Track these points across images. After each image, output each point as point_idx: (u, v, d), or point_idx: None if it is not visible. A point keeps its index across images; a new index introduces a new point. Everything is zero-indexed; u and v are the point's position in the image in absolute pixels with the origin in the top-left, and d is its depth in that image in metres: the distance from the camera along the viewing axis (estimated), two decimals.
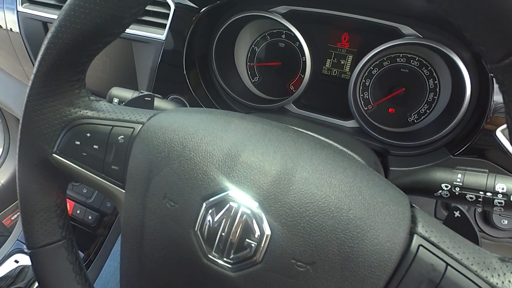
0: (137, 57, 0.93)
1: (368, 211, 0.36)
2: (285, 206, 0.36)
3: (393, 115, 0.94)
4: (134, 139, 0.46)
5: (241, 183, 0.38)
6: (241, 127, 0.44)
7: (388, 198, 0.38)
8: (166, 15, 0.87)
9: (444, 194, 0.52)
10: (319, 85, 1.01)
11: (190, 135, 0.42)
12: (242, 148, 0.40)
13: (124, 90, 0.68)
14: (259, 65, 1.06)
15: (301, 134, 0.46)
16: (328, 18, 0.86)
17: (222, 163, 0.39)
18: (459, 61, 0.70)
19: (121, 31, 0.46)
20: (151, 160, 0.43)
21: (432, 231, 0.36)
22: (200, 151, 0.41)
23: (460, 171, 0.51)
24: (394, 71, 0.91)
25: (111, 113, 0.50)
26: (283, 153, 0.40)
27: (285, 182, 0.37)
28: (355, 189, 0.37)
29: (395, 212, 0.37)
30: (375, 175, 0.42)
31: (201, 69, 0.94)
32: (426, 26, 0.73)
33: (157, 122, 0.46)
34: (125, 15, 0.44)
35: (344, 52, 0.97)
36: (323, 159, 0.40)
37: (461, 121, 0.74)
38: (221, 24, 0.90)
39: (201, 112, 0.48)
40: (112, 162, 0.47)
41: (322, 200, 0.36)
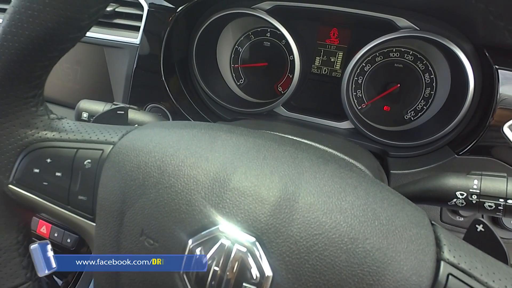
0: (110, 64, 0.85)
1: (387, 239, 0.30)
2: (288, 240, 0.30)
3: (388, 113, 0.89)
4: (103, 163, 0.39)
5: (233, 215, 0.31)
6: (230, 143, 0.37)
7: (407, 219, 0.33)
8: (140, 17, 0.80)
9: (460, 203, 0.47)
10: (309, 85, 0.95)
11: (169, 157, 0.36)
12: (232, 170, 0.33)
13: (94, 103, 0.60)
14: (244, 67, 1.00)
15: (299, 146, 0.40)
16: (315, 13, 0.80)
17: (209, 190, 0.33)
18: (461, 53, 0.65)
19: (80, 35, 0.39)
20: (123, 189, 0.36)
21: (460, 255, 0.31)
22: (182, 176, 0.34)
23: (476, 177, 0.46)
24: (387, 66, 0.86)
25: (75, 133, 0.43)
26: (281, 173, 0.34)
27: (286, 211, 0.31)
28: (370, 212, 0.32)
29: (418, 237, 0.31)
30: (387, 190, 0.37)
31: (181, 74, 0.87)
32: (423, 18, 0.68)
33: (130, 142, 0.39)
34: (82, 16, 0.36)
35: (334, 48, 0.91)
36: (329, 178, 0.34)
37: (465, 117, 0.69)
38: (201, 24, 0.83)
39: (182, 126, 0.41)
40: (79, 191, 0.40)
41: (332, 230, 0.30)
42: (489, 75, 0.63)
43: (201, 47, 0.87)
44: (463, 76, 0.66)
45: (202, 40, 0.86)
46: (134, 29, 0.81)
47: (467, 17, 0.61)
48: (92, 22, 0.38)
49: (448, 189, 0.47)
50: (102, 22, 0.85)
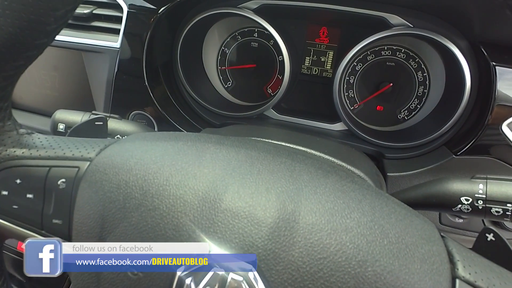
0: (89, 69, 0.80)
1: (399, 260, 0.27)
2: (289, 267, 0.27)
3: (381, 113, 0.87)
4: (79, 182, 0.35)
5: (226, 240, 0.28)
6: (220, 156, 0.34)
7: (417, 235, 0.30)
8: (119, 19, 0.75)
9: (465, 209, 0.45)
10: (299, 86, 0.92)
11: (153, 175, 0.32)
12: (224, 188, 0.30)
13: (71, 113, 0.56)
14: (232, 69, 0.96)
15: (295, 157, 0.37)
16: (304, 12, 0.77)
17: (199, 212, 0.29)
18: (456, 50, 0.63)
19: (47, 41, 0.35)
20: (102, 213, 0.32)
21: (476, 271, 0.29)
22: (167, 197, 0.30)
23: (481, 181, 0.44)
24: (379, 65, 0.84)
25: (47, 149, 0.38)
26: (278, 190, 0.30)
27: (286, 233, 0.28)
28: (378, 230, 0.29)
29: (430, 254, 0.29)
30: (393, 202, 0.34)
31: (166, 78, 0.82)
32: (417, 14, 0.66)
33: (108, 158, 0.36)
34: (48, 20, 0.32)
35: (324, 48, 0.88)
36: (331, 192, 0.31)
37: (462, 116, 0.67)
38: (185, 25, 0.79)
39: (166, 139, 0.38)
40: (53, 214, 0.36)
41: (338, 253, 0.27)
42: (486, 73, 0.61)
43: (185, 50, 0.83)
44: (459, 74, 0.64)
45: (187, 42, 0.82)
46: (113, 32, 0.76)
47: (463, 13, 0.59)
48: (59, 26, 0.34)
49: (452, 195, 0.45)
50: (79, 26, 0.80)
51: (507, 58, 0.59)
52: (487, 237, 0.38)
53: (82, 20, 0.79)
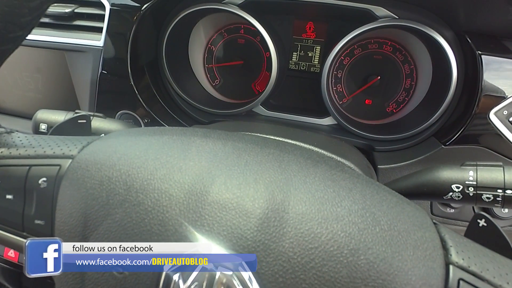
0: (72, 69, 0.78)
1: (391, 247, 0.27)
2: (280, 258, 0.26)
3: (370, 107, 0.87)
4: (61, 180, 0.34)
5: (214, 233, 0.27)
6: (206, 149, 0.33)
7: (409, 221, 0.30)
8: (102, 17, 0.73)
9: (456, 197, 0.45)
10: (287, 82, 0.92)
11: (137, 169, 0.31)
12: (210, 180, 0.29)
13: (53, 112, 0.54)
14: (219, 66, 0.95)
15: (284, 148, 0.36)
16: (289, 6, 0.77)
17: (185, 206, 0.28)
18: (442, 40, 0.63)
19: (22, 34, 0.33)
20: (84, 210, 0.31)
21: (469, 257, 0.29)
22: (152, 191, 0.29)
23: (471, 168, 0.44)
24: (366, 59, 0.84)
25: (27, 148, 0.37)
26: (267, 180, 0.30)
27: (275, 224, 0.27)
28: (369, 217, 0.28)
29: (423, 240, 0.29)
30: (384, 190, 0.34)
31: (152, 77, 0.81)
32: (402, 6, 0.66)
33: (90, 155, 0.34)
34: (21, 11, 0.31)
35: (311, 43, 0.88)
36: (321, 181, 0.31)
37: (449, 106, 0.67)
38: (169, 22, 0.77)
39: (150, 133, 0.36)
40: (35, 215, 0.35)
41: (330, 242, 0.26)
42: (472, 62, 0.62)
43: (171, 47, 0.82)
44: (446, 64, 0.64)
45: (172, 40, 0.80)
46: (96, 31, 0.74)
47: (448, 3, 0.59)
48: (35, 18, 0.33)
49: (443, 183, 0.44)
50: (61, 25, 0.78)
51: (492, 47, 0.59)
52: (479, 223, 0.38)
53: (64, 19, 0.77)
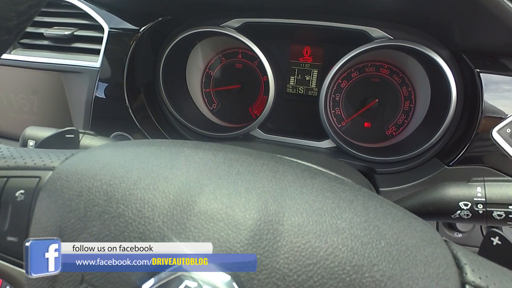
0: (68, 90, 0.77)
1: (399, 263, 0.24)
2: (273, 275, 0.23)
3: (369, 130, 0.86)
4: (39, 193, 0.31)
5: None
6: (195, 159, 0.31)
7: (417, 236, 0.27)
8: (100, 40, 0.74)
9: (465, 215, 0.42)
10: (285, 105, 0.91)
11: (119, 179, 0.28)
12: (198, 190, 0.27)
13: (42, 129, 0.52)
14: (217, 90, 0.95)
15: (279, 159, 0.34)
16: (287, 30, 0.78)
17: (169, 217, 0.25)
18: (439, 59, 0.62)
19: (8, 38, 0.32)
20: (60, 224, 0.28)
21: (487, 275, 0.26)
22: (134, 201, 0.27)
23: (478, 184, 0.41)
24: (364, 82, 0.84)
25: (7, 159, 0.35)
26: (260, 190, 0.27)
27: (269, 237, 0.24)
28: (373, 231, 0.26)
29: (434, 257, 0.26)
30: (388, 204, 0.31)
31: (148, 98, 0.80)
32: (397, 27, 0.66)
33: (72, 166, 0.32)
34: (9, 14, 0.30)
35: (308, 67, 0.88)
36: (319, 192, 0.28)
37: (450, 126, 0.65)
38: (167, 45, 0.78)
39: (138, 144, 0.34)
40: (8, 231, 0.32)
41: (330, 257, 0.24)
42: (471, 80, 0.61)
43: (168, 69, 0.82)
44: (444, 83, 0.64)
45: (169, 62, 0.81)
46: (94, 53, 0.75)
47: (442, 23, 0.59)
48: (22, 23, 0.32)
49: (450, 200, 0.42)
50: (59, 47, 0.78)
51: (490, 65, 0.58)
52: (493, 241, 0.35)
53: (63, 41, 0.78)
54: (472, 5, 0.49)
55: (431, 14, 0.58)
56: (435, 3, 0.54)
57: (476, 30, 0.56)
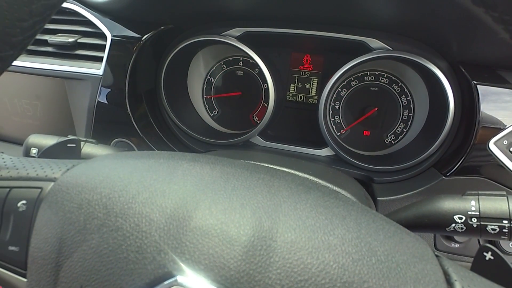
0: (71, 97, 0.78)
1: (389, 280, 0.25)
2: None
3: (368, 138, 0.86)
4: (40, 204, 0.32)
5: (195, 262, 0.25)
6: (193, 173, 0.31)
7: (408, 252, 0.27)
8: (103, 47, 0.75)
9: (459, 228, 0.42)
10: (285, 113, 0.92)
11: (118, 193, 0.29)
12: (194, 205, 0.27)
13: (45, 137, 0.53)
14: (217, 97, 0.96)
15: (275, 173, 0.34)
16: (287, 39, 0.79)
17: (165, 232, 0.26)
18: (437, 70, 0.63)
19: (13, 54, 0.33)
20: (60, 236, 0.29)
21: None
22: (132, 215, 0.27)
23: (472, 197, 0.41)
24: (363, 90, 0.85)
25: (10, 170, 0.36)
26: (254, 206, 0.28)
27: (262, 253, 0.25)
28: (364, 247, 0.26)
29: (424, 273, 0.26)
30: (381, 219, 0.32)
31: (149, 106, 0.81)
32: (396, 38, 0.67)
33: (73, 177, 0.33)
34: (13, 31, 0.31)
35: (308, 75, 0.89)
36: (312, 208, 0.29)
37: (448, 137, 0.66)
38: (169, 53, 0.79)
39: (138, 157, 0.35)
40: (10, 240, 0.33)
41: (321, 274, 0.24)
42: (468, 92, 0.62)
43: (170, 77, 0.83)
44: (442, 94, 0.64)
45: (171, 70, 0.82)
46: (97, 60, 0.76)
47: (440, 35, 0.60)
48: (26, 38, 0.33)
49: (445, 214, 0.42)
50: (63, 54, 0.79)
51: (487, 77, 0.59)
52: (485, 256, 0.35)
53: (66, 49, 0.79)
54: (469, 18, 0.49)
55: (428, 26, 0.58)
56: (433, 16, 0.54)
57: (473, 43, 0.56)
